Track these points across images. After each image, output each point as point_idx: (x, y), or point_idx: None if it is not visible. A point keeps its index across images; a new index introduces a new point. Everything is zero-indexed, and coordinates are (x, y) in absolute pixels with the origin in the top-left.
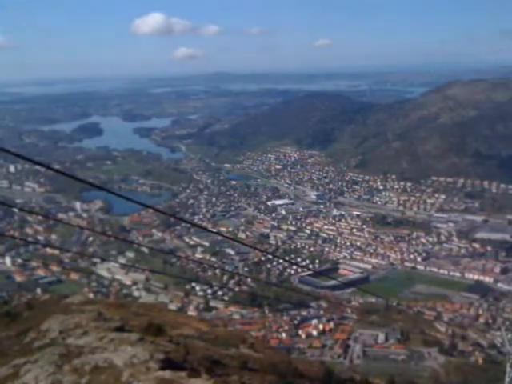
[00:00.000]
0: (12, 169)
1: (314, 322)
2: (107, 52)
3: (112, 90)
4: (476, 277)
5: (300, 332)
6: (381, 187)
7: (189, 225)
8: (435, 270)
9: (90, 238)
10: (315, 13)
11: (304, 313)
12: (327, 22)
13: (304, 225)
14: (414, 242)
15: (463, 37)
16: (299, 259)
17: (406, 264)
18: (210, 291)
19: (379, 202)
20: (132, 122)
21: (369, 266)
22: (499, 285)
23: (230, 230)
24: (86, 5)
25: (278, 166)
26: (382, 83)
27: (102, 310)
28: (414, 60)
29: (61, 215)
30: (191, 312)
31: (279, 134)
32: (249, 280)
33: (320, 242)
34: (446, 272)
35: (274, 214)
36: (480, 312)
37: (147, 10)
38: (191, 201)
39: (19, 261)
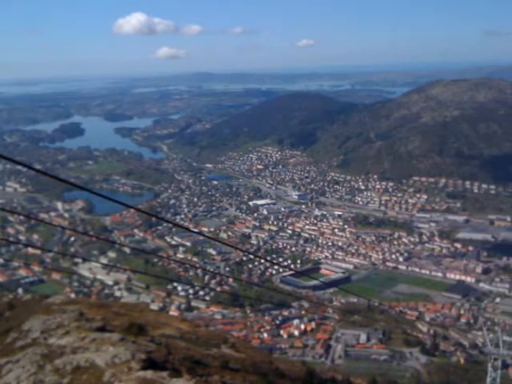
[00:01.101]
0: None
1: (296, 322)
2: (90, 52)
3: (94, 90)
4: (458, 277)
5: (281, 332)
6: (362, 187)
7: (170, 225)
8: (417, 269)
9: (72, 238)
10: (298, 13)
11: (285, 313)
12: (310, 22)
13: (286, 225)
14: (395, 242)
15: (446, 37)
16: (281, 259)
17: (388, 264)
18: (191, 291)
19: (361, 202)
20: (114, 122)
21: (350, 266)
22: (481, 285)
23: (212, 230)
24: (69, 4)
25: (259, 166)
26: (364, 83)
27: (83, 310)
28: (397, 60)
29: (42, 215)
30: (173, 312)
31: (261, 133)
32: (230, 280)
33: (301, 241)
34: (427, 272)
35: (255, 214)
36: (462, 312)
37: (129, 9)
38: (173, 201)
39: (1, 261)
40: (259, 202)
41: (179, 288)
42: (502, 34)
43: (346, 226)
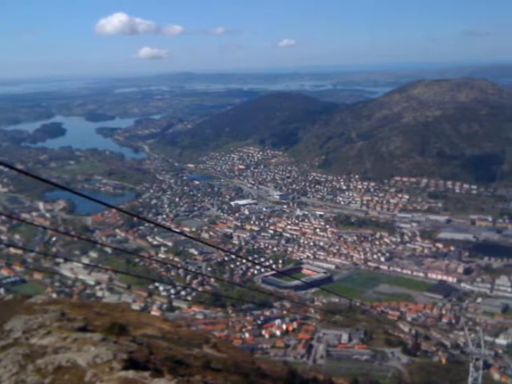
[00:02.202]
0: None
1: (277, 322)
2: (71, 52)
3: (76, 90)
4: (439, 277)
5: (263, 332)
6: (344, 187)
7: (152, 225)
8: (398, 269)
9: (54, 238)
10: (279, 13)
11: (267, 313)
12: (291, 22)
13: (267, 225)
14: (377, 242)
15: (427, 37)
16: (262, 259)
17: (370, 264)
18: (173, 291)
19: (342, 202)
20: (95, 122)
21: (332, 266)
22: (462, 285)
23: (194, 230)
24: (50, 4)
25: (241, 166)
26: (346, 83)
27: (65, 310)
28: (378, 60)
29: (24, 215)
30: (154, 312)
31: (243, 134)
32: (212, 280)
33: (283, 241)
34: (409, 272)
35: (237, 214)
36: (443, 312)
37: (111, 10)
38: (154, 201)
39: None
40: (241, 202)
41: (161, 288)
42: (482, 34)
43: (327, 226)
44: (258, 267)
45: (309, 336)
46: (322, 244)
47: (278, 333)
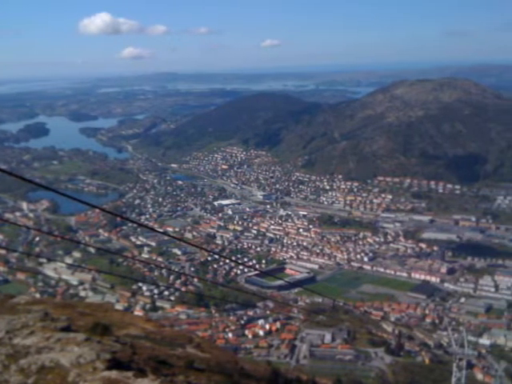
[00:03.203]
0: None
1: (261, 321)
2: (55, 52)
3: (59, 90)
4: (423, 277)
5: (246, 332)
6: (327, 187)
7: (135, 225)
8: (382, 270)
9: (37, 238)
10: (263, 13)
11: (250, 313)
12: (274, 23)
13: (250, 225)
14: (360, 242)
15: (410, 37)
16: (246, 259)
17: (353, 264)
18: (156, 291)
19: (326, 202)
20: (78, 122)
21: (315, 266)
22: (446, 285)
23: (177, 230)
24: (33, 4)
25: (224, 166)
26: (329, 83)
27: (48, 310)
28: (361, 60)
29: (7, 215)
30: (138, 312)
31: (226, 134)
32: (195, 280)
33: (266, 241)
34: (392, 272)
35: (220, 214)
36: (427, 312)
37: (94, 10)
38: (138, 201)
39: None
40: (224, 202)
41: (144, 288)
42: (465, 34)
43: (310, 226)
44: (241, 267)
45: (292, 336)
46: (305, 244)
47: (261, 333)
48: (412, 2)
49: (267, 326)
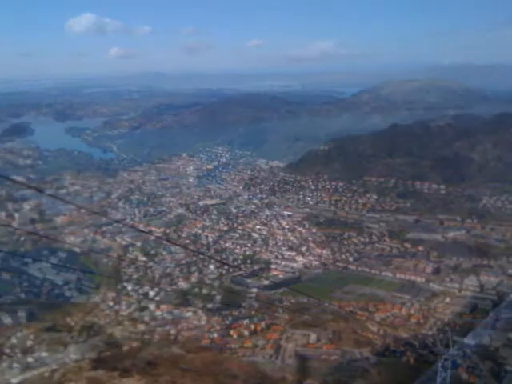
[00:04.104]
0: None
1: (246, 321)
2: (41, 52)
3: (45, 90)
4: (408, 277)
5: (231, 332)
6: (312, 187)
7: (121, 225)
8: (367, 269)
9: (22, 238)
10: (248, 13)
11: (235, 313)
12: (260, 22)
13: (236, 225)
14: (345, 242)
15: (395, 38)
16: (231, 259)
17: (338, 264)
18: (141, 291)
19: (311, 202)
20: (64, 122)
21: (300, 266)
22: (431, 285)
23: (162, 229)
24: (18, 4)
25: (209, 166)
26: (315, 84)
27: (33, 309)
28: (347, 60)
29: None
30: (123, 312)
31: (211, 134)
32: (180, 280)
33: (252, 242)
34: (377, 272)
35: (205, 214)
36: (412, 312)
37: (80, 10)
38: (122, 200)
39: None
40: (209, 202)
41: (129, 288)
42: (451, 33)
43: (296, 226)
44: (226, 267)
45: (277, 336)
46: (290, 244)
47: (246, 333)
48: (398, 1)
49: (252, 326)
